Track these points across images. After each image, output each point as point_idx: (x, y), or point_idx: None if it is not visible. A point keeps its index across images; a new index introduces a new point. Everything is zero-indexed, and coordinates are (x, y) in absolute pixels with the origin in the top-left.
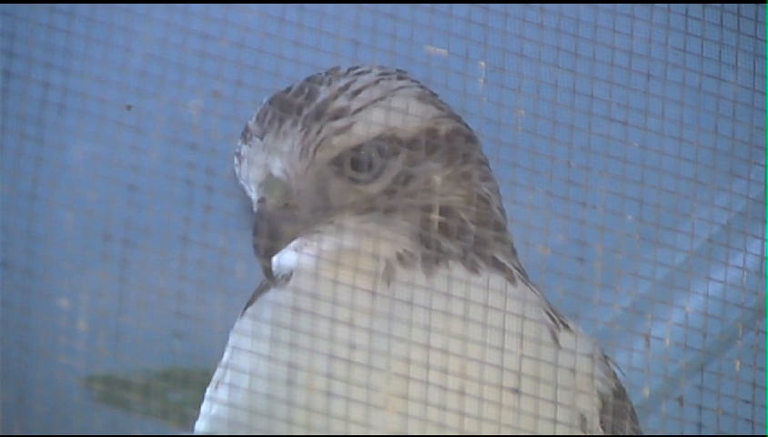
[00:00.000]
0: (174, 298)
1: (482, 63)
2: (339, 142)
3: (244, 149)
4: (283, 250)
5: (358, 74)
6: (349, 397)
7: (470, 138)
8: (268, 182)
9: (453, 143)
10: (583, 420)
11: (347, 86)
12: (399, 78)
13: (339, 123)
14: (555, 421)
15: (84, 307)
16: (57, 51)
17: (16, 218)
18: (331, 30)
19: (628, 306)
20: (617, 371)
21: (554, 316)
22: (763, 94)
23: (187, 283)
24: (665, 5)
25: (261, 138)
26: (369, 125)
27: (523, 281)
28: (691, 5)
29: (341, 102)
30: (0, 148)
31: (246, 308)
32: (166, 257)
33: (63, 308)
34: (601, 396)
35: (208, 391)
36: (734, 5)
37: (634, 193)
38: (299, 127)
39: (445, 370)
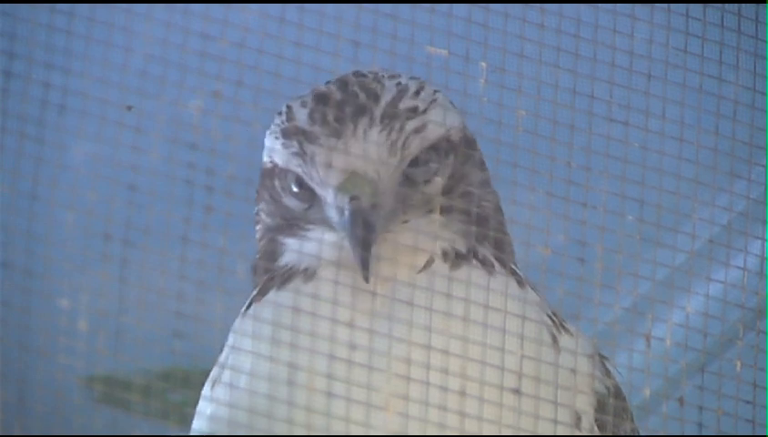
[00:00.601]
0: (174, 298)
1: (483, 63)
2: (419, 140)
3: (311, 149)
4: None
5: (393, 77)
6: (350, 397)
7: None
8: (356, 180)
9: (477, 150)
10: (578, 418)
11: (405, 88)
12: (429, 84)
13: (414, 123)
14: (555, 422)
15: (84, 307)
16: (58, 51)
17: (17, 218)
18: (331, 30)
19: (628, 306)
20: (613, 371)
21: (554, 318)
22: (764, 94)
23: (188, 283)
24: (666, 6)
25: (338, 137)
26: (437, 125)
27: (529, 284)
28: (691, 6)
29: (410, 102)
30: (0, 148)
31: (248, 307)
32: (167, 257)
33: (63, 308)
34: (597, 395)
35: (205, 390)
36: (735, 6)
37: (635, 193)
38: (379, 124)
39: (464, 374)
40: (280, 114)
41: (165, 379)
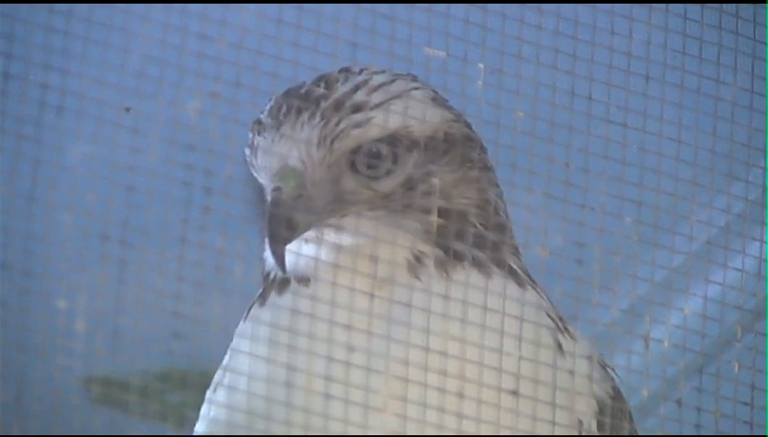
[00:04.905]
0: (172, 298)
1: (480, 65)
2: (357, 135)
3: (257, 140)
4: (299, 247)
5: (373, 73)
6: (348, 399)
7: (480, 145)
8: (284, 171)
9: (464, 147)
10: (580, 423)
11: (365, 82)
12: (413, 80)
13: (358, 116)
14: (553, 424)
15: (82, 307)
16: (55, 52)
17: (15, 219)
18: (329, 31)
19: (626, 308)
20: (611, 373)
21: (558, 321)
22: (762, 96)
23: (185, 284)
24: (663, 7)
25: (278, 129)
26: (387, 121)
27: (531, 285)
28: (689, 7)
29: (360, 96)
30: None
31: (249, 310)
32: (165, 257)
33: (61, 308)
34: (598, 400)
35: (208, 394)
36: (733, 7)
37: (633, 195)
38: (318, 118)
39: (462, 376)
40: None
41: (163, 379)
